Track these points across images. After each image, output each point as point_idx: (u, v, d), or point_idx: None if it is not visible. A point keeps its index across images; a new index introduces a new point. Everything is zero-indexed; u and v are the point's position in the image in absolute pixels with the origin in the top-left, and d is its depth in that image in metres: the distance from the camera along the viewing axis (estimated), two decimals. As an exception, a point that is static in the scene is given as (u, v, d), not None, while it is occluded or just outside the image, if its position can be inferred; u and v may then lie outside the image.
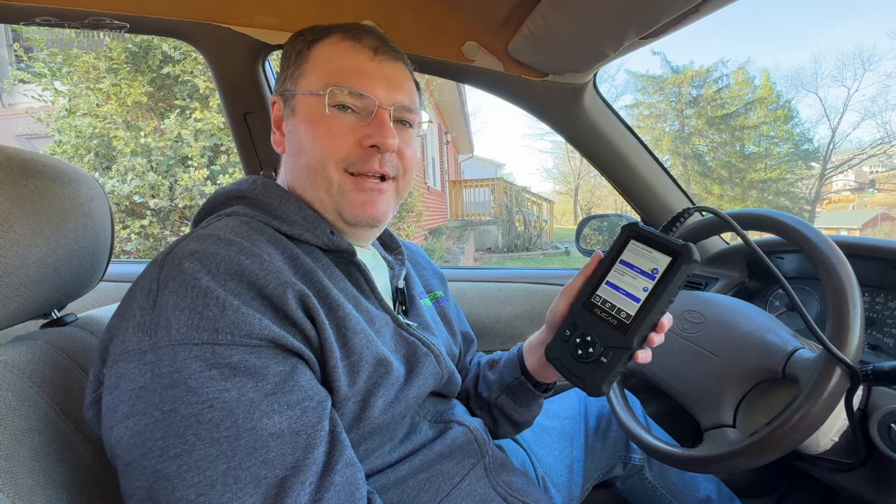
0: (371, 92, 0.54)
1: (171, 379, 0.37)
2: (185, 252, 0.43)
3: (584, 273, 0.57)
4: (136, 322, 0.40)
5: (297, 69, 0.57)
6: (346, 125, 0.54)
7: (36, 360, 0.49)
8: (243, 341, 0.40)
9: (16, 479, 0.40)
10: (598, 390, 0.50)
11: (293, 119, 0.56)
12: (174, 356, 0.38)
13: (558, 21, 0.68)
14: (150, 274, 0.42)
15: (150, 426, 0.36)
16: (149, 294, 0.41)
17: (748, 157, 19.81)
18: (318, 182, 0.55)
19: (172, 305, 0.39)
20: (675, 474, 0.85)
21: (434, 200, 9.88)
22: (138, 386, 0.37)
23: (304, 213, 0.54)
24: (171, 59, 3.86)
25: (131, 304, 0.41)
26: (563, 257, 9.72)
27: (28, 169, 0.50)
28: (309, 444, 0.40)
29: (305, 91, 0.55)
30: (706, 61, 33.83)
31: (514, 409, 0.69)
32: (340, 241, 0.54)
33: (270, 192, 0.55)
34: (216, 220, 0.51)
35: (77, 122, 3.82)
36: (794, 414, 0.54)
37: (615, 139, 0.99)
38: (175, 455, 0.36)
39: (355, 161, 0.54)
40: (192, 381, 0.37)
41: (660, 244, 0.51)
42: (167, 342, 0.38)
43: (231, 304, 0.40)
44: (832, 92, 33.88)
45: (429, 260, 0.81)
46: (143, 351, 0.38)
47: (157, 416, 0.36)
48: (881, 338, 0.77)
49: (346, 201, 0.55)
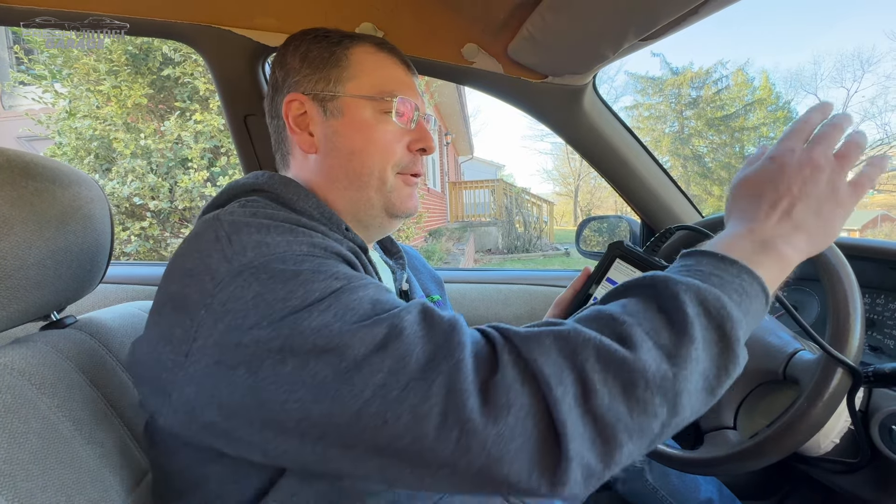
0: (414, 102, 0.59)
1: (290, 271, 0.37)
2: (232, 215, 0.43)
3: (574, 287, 0.60)
4: (214, 260, 0.38)
5: (337, 71, 0.57)
6: (398, 132, 0.58)
7: (35, 362, 0.49)
8: (333, 256, 0.43)
9: (14, 483, 0.40)
10: None
11: (339, 120, 0.57)
12: (282, 258, 0.38)
13: (558, 23, 0.68)
14: (205, 232, 0.41)
15: (288, 318, 0.35)
16: (217, 241, 0.40)
17: (748, 157, 19.81)
18: (371, 182, 0.57)
19: (257, 240, 0.40)
20: (676, 476, 0.84)
21: (434, 202, 9.89)
22: (252, 295, 0.36)
23: (321, 209, 0.54)
24: (172, 62, 3.86)
25: (192, 256, 0.40)
26: (563, 258, 9.72)
27: (28, 171, 0.50)
28: (410, 307, 0.40)
29: (357, 94, 0.56)
30: (706, 62, 33.93)
31: None
32: (355, 237, 0.55)
33: (289, 187, 0.54)
34: (237, 205, 0.49)
35: (77, 124, 3.83)
36: (794, 416, 0.54)
37: (615, 140, 0.99)
38: (336, 318, 0.35)
39: (407, 164, 0.59)
40: (306, 272, 0.38)
41: (643, 265, 0.53)
42: (265, 255, 0.38)
43: (313, 234, 0.43)
44: (831, 93, 33.93)
45: (426, 264, 0.81)
46: (239, 271, 0.37)
47: (293, 303, 0.36)
48: (882, 339, 0.77)
49: (396, 196, 0.59)
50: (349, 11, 0.80)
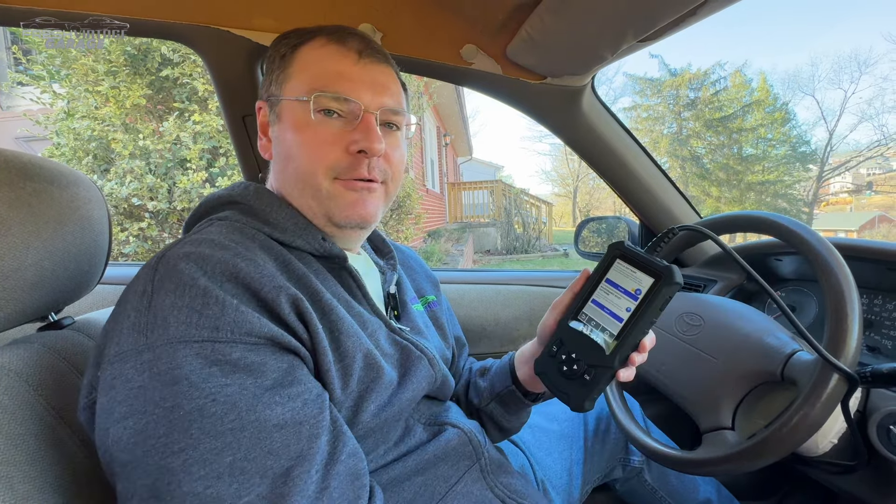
0: (356, 96, 0.53)
1: (171, 376, 0.37)
2: (179, 254, 0.43)
3: (573, 289, 0.58)
4: (130, 323, 0.40)
5: (281, 73, 0.56)
6: (333, 131, 0.53)
7: (32, 363, 0.48)
8: (243, 339, 0.40)
9: (11, 484, 0.40)
10: (581, 407, 0.51)
11: (279, 125, 0.56)
12: (173, 354, 0.38)
13: (556, 24, 0.69)
14: (145, 276, 0.42)
15: (152, 424, 0.36)
16: (143, 295, 0.41)
17: (746, 159, 19.87)
18: (306, 189, 0.54)
19: (170, 305, 0.39)
20: (675, 477, 0.84)
21: (433, 203, 9.89)
22: (136, 385, 0.37)
23: (295, 220, 0.54)
24: (170, 62, 3.86)
25: (125, 307, 0.41)
26: (561, 259, 9.72)
27: (26, 172, 0.50)
28: (312, 433, 0.40)
29: (290, 97, 0.54)
30: (704, 64, 34.00)
31: (503, 416, 0.70)
32: (332, 247, 0.55)
33: (263, 198, 0.55)
34: (208, 224, 0.51)
35: (75, 124, 3.82)
36: (792, 416, 0.54)
37: (613, 141, 0.99)
38: (179, 450, 0.36)
39: (344, 168, 0.53)
40: (193, 376, 0.37)
41: (644, 265, 0.51)
42: (164, 340, 0.38)
43: (231, 303, 0.41)
44: (829, 94, 34.02)
45: (422, 264, 0.80)
46: (140, 351, 0.38)
47: (158, 414, 0.36)
48: (879, 339, 0.77)
49: (335, 205, 0.54)
50: (348, 12, 0.80)
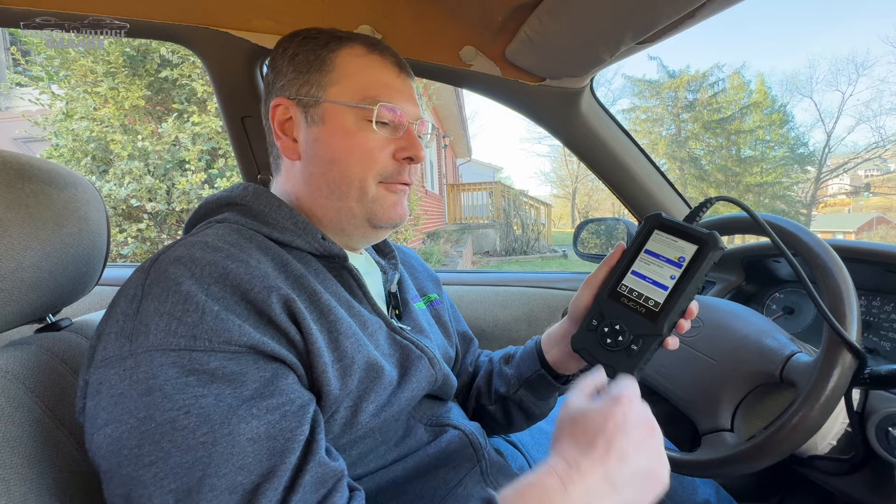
0: (403, 108, 0.57)
1: (146, 385, 0.37)
2: (171, 258, 0.43)
3: (608, 263, 0.57)
4: (118, 327, 0.40)
5: (320, 75, 0.56)
6: (382, 139, 0.56)
7: (30, 365, 0.48)
8: (222, 347, 0.39)
9: (8, 486, 0.40)
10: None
11: (321, 127, 0.56)
12: (150, 362, 0.38)
13: (555, 26, 0.69)
14: (136, 280, 0.42)
15: (126, 433, 0.36)
16: (133, 300, 0.41)
17: (744, 160, 19.95)
18: (351, 192, 0.56)
19: (153, 311, 0.39)
20: (674, 478, 0.84)
21: (432, 204, 9.89)
22: (117, 392, 0.37)
23: (295, 219, 0.54)
24: (169, 63, 3.86)
25: (115, 310, 0.41)
26: (560, 260, 9.73)
27: (24, 173, 0.50)
28: (286, 448, 0.39)
29: (339, 101, 0.55)
30: (702, 66, 34.10)
31: (532, 402, 0.69)
32: (332, 246, 0.55)
33: (261, 199, 0.55)
34: (206, 227, 0.51)
35: (74, 125, 3.82)
36: (791, 418, 0.54)
37: (612, 143, 0.99)
38: (150, 462, 0.35)
39: (390, 173, 0.57)
40: (167, 387, 0.37)
41: (685, 233, 0.52)
42: (145, 348, 0.38)
43: (211, 309, 0.40)
44: (827, 96, 34.16)
45: (423, 263, 0.81)
46: (123, 357, 0.38)
47: (132, 424, 0.36)
48: (878, 341, 0.77)
49: (379, 206, 0.57)
50: (347, 13, 0.80)
